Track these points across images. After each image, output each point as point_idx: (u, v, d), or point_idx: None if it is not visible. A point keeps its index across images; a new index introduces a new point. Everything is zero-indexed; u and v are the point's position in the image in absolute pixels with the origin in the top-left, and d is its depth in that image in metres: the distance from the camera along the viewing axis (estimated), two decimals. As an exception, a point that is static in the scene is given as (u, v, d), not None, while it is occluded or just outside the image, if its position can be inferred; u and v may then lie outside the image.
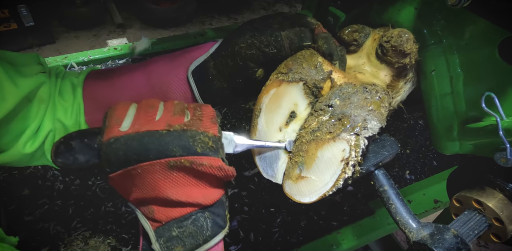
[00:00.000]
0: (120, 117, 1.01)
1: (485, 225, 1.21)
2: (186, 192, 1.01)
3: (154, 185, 0.99)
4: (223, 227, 1.08)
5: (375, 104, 1.14)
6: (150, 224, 1.05)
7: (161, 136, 0.96)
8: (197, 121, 1.02)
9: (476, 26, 1.20)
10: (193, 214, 1.04)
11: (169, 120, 1.00)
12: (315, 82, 1.21)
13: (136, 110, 1.04)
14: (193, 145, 0.97)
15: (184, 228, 1.03)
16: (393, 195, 1.24)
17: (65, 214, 1.91)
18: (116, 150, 0.95)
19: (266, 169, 1.27)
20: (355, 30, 1.39)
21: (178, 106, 1.08)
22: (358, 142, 1.08)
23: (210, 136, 1.00)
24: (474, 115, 1.27)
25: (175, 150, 0.96)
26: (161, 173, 0.98)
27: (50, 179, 2.02)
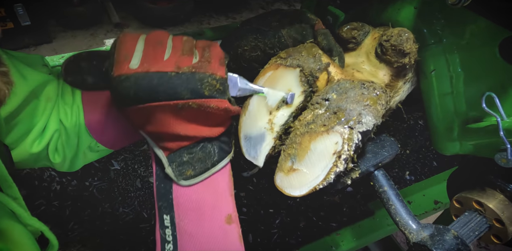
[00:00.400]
0: (129, 52, 1.01)
1: (485, 226, 1.21)
2: (194, 128, 1.06)
3: (163, 122, 1.03)
4: (228, 152, 1.16)
5: (372, 100, 1.14)
6: (162, 151, 1.11)
7: (170, 78, 0.98)
8: (205, 63, 1.03)
9: (477, 26, 1.20)
10: (201, 141, 1.10)
11: (178, 61, 1.01)
12: (312, 71, 1.21)
13: (145, 46, 1.04)
14: (201, 88, 0.99)
15: (193, 154, 1.10)
16: (392, 196, 1.24)
17: (62, 215, 1.91)
18: (127, 88, 0.97)
19: (249, 149, 1.27)
20: (354, 27, 1.39)
21: (186, 44, 1.08)
22: (352, 135, 1.08)
23: (218, 78, 1.02)
24: (474, 116, 1.27)
25: (183, 93, 0.98)
26: (170, 113, 1.02)
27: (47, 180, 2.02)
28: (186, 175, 1.10)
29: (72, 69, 1.08)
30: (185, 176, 1.10)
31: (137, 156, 2.56)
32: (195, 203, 1.11)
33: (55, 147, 1.31)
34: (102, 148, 1.39)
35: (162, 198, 1.13)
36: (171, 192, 1.12)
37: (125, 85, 0.97)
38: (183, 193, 1.12)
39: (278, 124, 1.23)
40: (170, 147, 1.09)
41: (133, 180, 2.42)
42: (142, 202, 2.32)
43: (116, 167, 2.44)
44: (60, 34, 5.72)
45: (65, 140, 1.31)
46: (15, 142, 1.22)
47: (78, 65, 1.07)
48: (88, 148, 1.37)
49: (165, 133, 1.06)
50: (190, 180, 1.10)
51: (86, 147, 1.35)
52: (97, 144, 1.36)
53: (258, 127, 1.25)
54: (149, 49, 1.03)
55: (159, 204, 1.13)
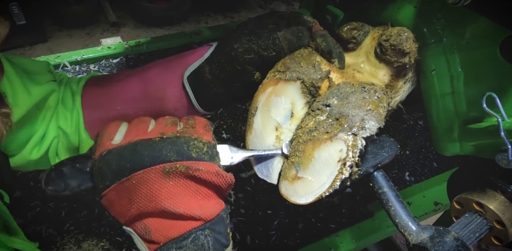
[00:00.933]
0: (111, 133, 1.01)
1: (486, 227, 1.21)
2: (183, 203, 0.98)
3: (150, 195, 0.96)
4: (226, 245, 1.05)
5: (373, 104, 1.14)
6: (147, 247, 1.01)
7: (154, 143, 0.96)
8: (190, 129, 1.02)
9: (477, 25, 1.20)
10: (192, 232, 0.99)
11: (162, 130, 1.01)
12: (313, 82, 1.21)
13: (128, 126, 1.05)
14: (188, 150, 0.97)
15: (184, 248, 0.98)
16: (392, 197, 1.24)
17: (57, 216, 1.91)
18: (109, 161, 0.95)
19: (261, 168, 1.27)
20: (354, 27, 1.39)
21: (170, 119, 1.08)
22: (356, 142, 1.07)
23: (205, 142, 1.00)
24: (475, 116, 1.27)
25: (169, 155, 0.95)
26: (156, 181, 0.95)
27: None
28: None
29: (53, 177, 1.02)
30: None
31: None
32: None
33: (56, 152, 1.32)
34: None
35: None
36: None
37: (107, 159, 0.95)
38: None
39: (286, 140, 1.23)
40: (156, 239, 0.98)
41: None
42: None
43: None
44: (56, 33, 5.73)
45: (66, 145, 1.32)
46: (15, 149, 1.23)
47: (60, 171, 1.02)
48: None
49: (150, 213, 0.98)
50: None
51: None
52: None
53: (266, 145, 1.25)
54: (132, 127, 1.04)
55: None
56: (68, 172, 1.02)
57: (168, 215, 0.98)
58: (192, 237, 0.99)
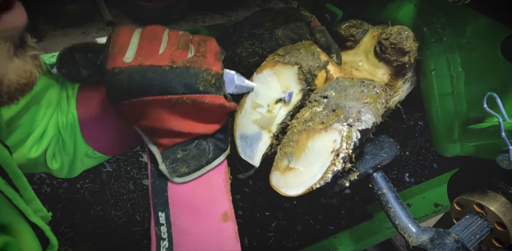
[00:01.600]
0: (123, 45, 1.02)
1: (487, 229, 1.21)
2: (188, 125, 1.06)
3: (157, 118, 1.03)
4: (224, 149, 1.16)
5: (371, 98, 1.14)
6: (157, 147, 1.11)
7: (164, 72, 0.98)
8: (200, 58, 1.03)
9: (478, 24, 1.20)
10: (196, 138, 1.10)
11: (173, 55, 1.01)
12: (310, 69, 1.21)
13: (140, 39, 1.04)
14: (196, 83, 0.99)
15: (188, 151, 1.10)
16: (392, 199, 1.24)
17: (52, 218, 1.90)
18: (120, 81, 0.97)
19: (245, 149, 1.27)
20: (352, 25, 1.39)
21: (182, 38, 1.08)
22: (350, 133, 1.07)
23: (213, 74, 1.02)
24: (475, 116, 1.27)
25: (177, 88, 0.98)
26: (163, 108, 1.01)
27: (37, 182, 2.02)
28: (180, 172, 1.10)
29: (66, 61, 1.08)
30: (179, 173, 1.10)
31: (130, 158, 2.55)
32: (190, 200, 1.11)
33: (53, 153, 1.32)
34: (99, 154, 1.40)
35: (157, 195, 1.13)
36: (166, 189, 1.12)
37: (118, 79, 0.97)
38: (178, 190, 1.12)
39: (275, 123, 1.23)
40: (165, 143, 1.09)
41: (126, 182, 2.42)
42: (135, 204, 2.32)
43: (108, 168, 2.43)
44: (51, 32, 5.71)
45: (62, 147, 1.32)
46: (14, 146, 1.23)
47: (73, 57, 1.08)
48: (86, 155, 1.37)
49: (159, 129, 1.06)
50: (184, 177, 1.10)
51: (83, 154, 1.36)
52: (94, 151, 1.37)
53: (254, 126, 1.24)
54: (144, 42, 1.03)
55: (154, 201, 1.13)
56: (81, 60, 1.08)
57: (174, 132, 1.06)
58: (195, 143, 1.10)
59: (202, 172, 1.12)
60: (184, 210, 1.11)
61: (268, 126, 1.23)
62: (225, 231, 1.16)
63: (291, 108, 1.23)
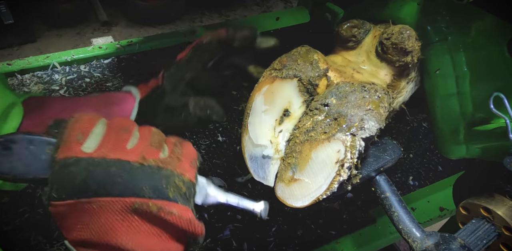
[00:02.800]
0: (84, 132, 0.89)
1: (494, 234, 1.20)
2: (143, 242, 0.88)
3: (108, 227, 0.85)
4: None
5: (374, 104, 1.14)
6: None
7: (132, 169, 0.86)
8: (174, 160, 0.93)
9: (484, 23, 1.20)
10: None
11: (144, 151, 0.91)
12: (310, 79, 1.21)
13: (106, 130, 0.94)
14: (166, 188, 0.87)
15: None
16: (395, 202, 1.24)
17: (47, 223, 1.90)
18: (74, 173, 0.82)
19: (257, 170, 1.26)
20: (354, 25, 1.38)
21: (156, 136, 0.97)
22: (354, 142, 1.07)
23: (186, 181, 0.91)
24: (481, 117, 1.26)
25: (144, 190, 0.85)
26: (120, 214, 0.85)
27: (31, 186, 2.01)
28: None
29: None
30: None
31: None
32: None
33: None
34: None
35: None
36: None
37: (71, 171, 0.83)
38: None
39: (283, 141, 1.22)
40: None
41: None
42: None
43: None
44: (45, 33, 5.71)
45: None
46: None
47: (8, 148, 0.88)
48: None
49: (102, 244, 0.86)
50: None
51: None
52: None
53: (262, 147, 1.24)
54: (110, 133, 0.93)
55: None
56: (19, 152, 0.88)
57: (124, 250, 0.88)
58: None
59: None
60: None
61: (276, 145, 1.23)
62: None
63: (296, 122, 1.23)
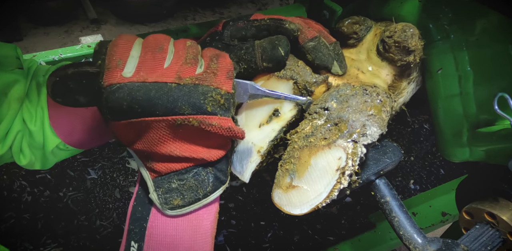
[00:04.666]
0: (122, 57, 0.96)
1: (498, 240, 1.20)
2: (191, 148, 1.02)
3: (158, 140, 0.99)
4: (223, 182, 1.10)
5: (376, 109, 1.14)
6: (149, 173, 1.06)
7: (170, 90, 0.94)
8: (210, 75, 0.99)
9: (488, 20, 1.20)
10: (195, 167, 1.05)
11: (180, 70, 0.97)
12: (306, 85, 1.20)
13: (142, 50, 1.00)
14: (204, 103, 0.96)
15: (184, 181, 1.05)
16: (396, 207, 1.24)
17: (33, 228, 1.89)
18: (119, 99, 0.92)
19: (235, 163, 1.27)
20: (355, 22, 1.38)
21: (190, 51, 1.03)
22: (356, 149, 1.07)
23: (223, 93, 0.98)
24: (485, 119, 1.26)
25: (184, 108, 0.94)
26: (166, 129, 0.97)
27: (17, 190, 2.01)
28: (173, 204, 1.05)
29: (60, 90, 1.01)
30: (172, 205, 1.05)
31: (116, 164, 2.55)
32: (170, 239, 1.08)
33: (19, 148, 1.29)
34: (71, 148, 1.37)
35: (135, 222, 1.10)
36: (147, 219, 1.09)
37: (117, 97, 0.92)
38: (161, 225, 1.08)
39: (266, 140, 1.22)
40: (159, 169, 1.04)
41: (112, 190, 2.41)
42: (121, 214, 2.31)
43: (93, 175, 2.43)
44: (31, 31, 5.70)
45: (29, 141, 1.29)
46: None
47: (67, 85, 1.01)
48: (57, 148, 1.34)
49: (156, 152, 1.01)
50: (177, 210, 1.05)
51: (54, 147, 1.33)
52: (65, 144, 1.34)
53: (245, 141, 1.24)
54: (146, 54, 0.99)
55: (130, 227, 1.09)
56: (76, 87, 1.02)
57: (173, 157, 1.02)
58: (194, 172, 1.05)
59: (198, 206, 1.07)
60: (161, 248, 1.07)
61: (259, 142, 1.22)
62: None
63: (284, 124, 1.22)
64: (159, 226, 1.07)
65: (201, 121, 0.96)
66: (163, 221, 1.08)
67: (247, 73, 1.26)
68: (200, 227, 1.11)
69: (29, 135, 1.29)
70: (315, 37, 1.25)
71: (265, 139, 1.22)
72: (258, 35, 1.28)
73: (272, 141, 1.21)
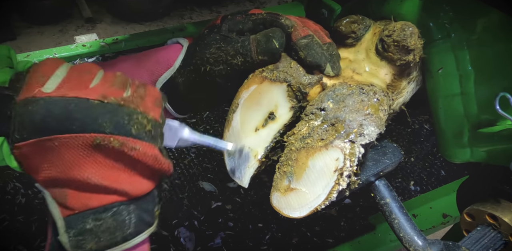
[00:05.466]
0: (45, 75, 0.91)
1: (500, 242, 1.20)
2: (112, 175, 0.92)
3: (72, 163, 0.88)
4: (149, 224, 1.00)
5: (373, 108, 1.14)
6: (60, 210, 0.93)
7: (92, 106, 0.87)
8: (137, 99, 0.94)
9: (489, 19, 1.19)
10: (114, 205, 0.94)
11: (105, 91, 0.91)
12: (300, 86, 1.20)
13: (68, 72, 0.94)
14: (128, 124, 0.89)
15: (102, 221, 0.93)
16: (396, 209, 1.23)
17: (27, 231, 1.89)
18: (33, 113, 0.84)
19: (233, 169, 1.27)
20: (354, 21, 1.38)
21: (119, 78, 0.98)
22: (353, 150, 1.07)
23: (150, 119, 0.93)
24: (487, 119, 1.26)
25: (105, 125, 0.86)
26: (83, 150, 0.88)
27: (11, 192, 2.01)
28: (85, 249, 0.92)
29: None
30: (83, 249, 0.92)
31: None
32: None
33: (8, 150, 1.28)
34: None
35: None
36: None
37: (30, 110, 0.85)
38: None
39: (263, 145, 1.22)
40: (73, 205, 0.92)
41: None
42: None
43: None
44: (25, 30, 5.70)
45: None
46: None
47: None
48: None
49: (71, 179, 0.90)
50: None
51: None
52: None
53: (242, 146, 1.24)
54: (72, 74, 0.94)
55: None
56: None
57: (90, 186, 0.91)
58: (113, 211, 0.94)
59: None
60: None
61: (256, 147, 1.22)
62: None
63: (280, 127, 1.22)
64: None
65: (123, 143, 0.88)
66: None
67: (244, 67, 1.26)
68: None
69: None
70: (308, 35, 1.26)
71: (261, 144, 1.22)
72: (254, 29, 1.29)
73: (268, 145, 1.21)
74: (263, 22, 1.29)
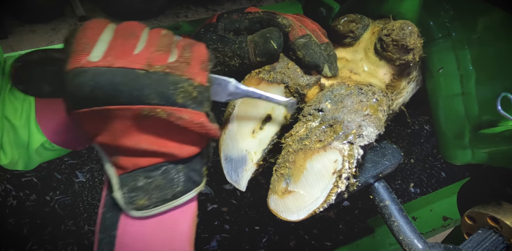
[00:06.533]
0: (90, 41, 0.92)
1: (502, 246, 1.20)
2: (159, 141, 0.97)
3: (123, 131, 0.94)
4: (198, 183, 1.05)
5: (372, 108, 1.13)
6: (115, 169, 1.00)
7: (137, 77, 0.89)
8: (183, 64, 0.94)
9: (490, 17, 1.20)
10: (164, 164, 0.99)
11: (150, 57, 0.92)
12: (298, 88, 1.20)
13: (113, 36, 0.95)
14: (174, 94, 0.91)
15: (152, 179, 0.99)
16: (395, 211, 1.24)
17: (19, 234, 1.89)
18: (82, 84, 0.86)
19: (230, 172, 1.26)
20: (352, 20, 1.37)
21: (164, 39, 0.99)
22: (352, 151, 1.06)
23: (196, 85, 0.94)
24: (488, 120, 1.26)
25: (151, 97, 0.89)
26: (132, 120, 0.92)
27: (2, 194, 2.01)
28: (137, 204, 0.98)
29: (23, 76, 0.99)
30: (136, 205, 0.98)
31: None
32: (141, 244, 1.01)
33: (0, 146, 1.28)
34: (57, 147, 1.35)
35: (105, 230, 1.02)
36: (116, 226, 1.01)
37: (80, 81, 0.86)
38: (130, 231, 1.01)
39: (260, 148, 1.22)
40: (125, 165, 0.97)
41: (100, 193, 2.40)
42: (110, 219, 2.29)
43: (81, 179, 2.42)
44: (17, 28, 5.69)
45: (12, 138, 1.28)
46: None
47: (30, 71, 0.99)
48: (42, 147, 1.33)
49: (122, 145, 0.95)
50: (142, 211, 0.98)
51: (38, 146, 1.31)
52: (51, 143, 1.32)
53: (239, 149, 1.25)
54: (117, 40, 0.94)
55: (101, 236, 1.02)
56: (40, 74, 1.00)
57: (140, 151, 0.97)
58: (162, 170, 0.99)
59: (165, 207, 1.00)
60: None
61: (253, 150, 1.22)
62: None
63: (278, 129, 1.22)
64: (128, 234, 1.01)
65: (170, 113, 0.91)
66: (133, 226, 1.01)
67: (242, 69, 1.26)
68: (175, 231, 1.05)
69: (12, 131, 1.28)
70: (306, 34, 1.26)
71: (259, 146, 1.22)
72: (251, 28, 1.29)
73: (266, 148, 1.21)
74: (260, 21, 1.28)
